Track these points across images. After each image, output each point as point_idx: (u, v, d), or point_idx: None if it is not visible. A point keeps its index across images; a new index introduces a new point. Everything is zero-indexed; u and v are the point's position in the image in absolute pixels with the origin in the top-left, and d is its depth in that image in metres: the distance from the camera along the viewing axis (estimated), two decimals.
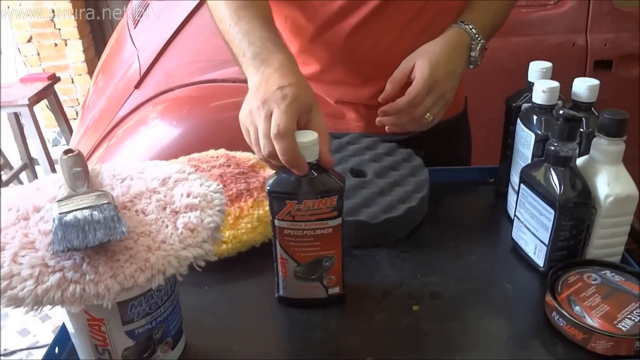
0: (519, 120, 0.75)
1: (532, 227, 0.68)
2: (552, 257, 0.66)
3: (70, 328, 0.53)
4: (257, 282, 0.69)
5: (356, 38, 0.85)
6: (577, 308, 0.58)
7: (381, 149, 0.87)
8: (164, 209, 0.50)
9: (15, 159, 3.01)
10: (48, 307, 0.43)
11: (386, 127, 0.82)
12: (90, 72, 3.53)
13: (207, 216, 0.50)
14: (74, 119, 3.47)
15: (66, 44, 3.49)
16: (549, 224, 0.64)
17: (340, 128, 0.93)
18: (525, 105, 0.77)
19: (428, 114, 0.80)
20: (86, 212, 0.46)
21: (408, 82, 0.81)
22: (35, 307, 0.43)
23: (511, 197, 0.80)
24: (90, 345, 0.52)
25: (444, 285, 0.67)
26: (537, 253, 0.68)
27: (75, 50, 3.51)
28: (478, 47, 0.83)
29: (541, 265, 0.67)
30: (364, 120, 0.93)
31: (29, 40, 3.49)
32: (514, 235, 0.73)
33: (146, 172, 0.56)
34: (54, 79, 2.77)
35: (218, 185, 0.55)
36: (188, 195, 0.52)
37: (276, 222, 0.60)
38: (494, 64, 1.38)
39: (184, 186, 0.53)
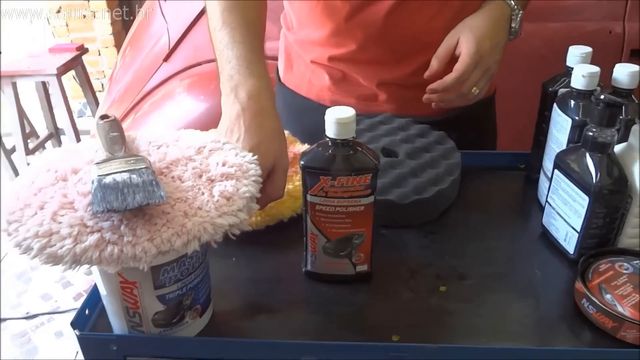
0: (555, 105, 0.73)
1: (564, 213, 0.67)
2: (583, 245, 0.65)
3: (102, 290, 0.54)
4: (284, 256, 0.69)
5: (393, 17, 0.84)
6: (608, 296, 0.57)
7: (413, 130, 0.86)
8: (200, 176, 0.51)
9: (42, 128, 3.05)
10: (86, 266, 0.44)
11: (432, 104, 0.83)
12: (117, 45, 3.55)
13: (242, 185, 0.50)
14: (100, 91, 3.50)
15: (94, 16, 3.51)
16: (582, 211, 0.64)
17: (373, 110, 0.92)
18: (562, 91, 0.75)
19: (474, 89, 0.80)
20: (125, 175, 0.46)
21: (453, 58, 0.80)
22: (73, 266, 0.43)
23: (543, 183, 0.78)
24: (121, 308, 0.53)
25: (472, 268, 0.66)
26: (567, 240, 0.67)
27: (103, 23, 3.52)
28: (518, 18, 0.84)
29: (571, 252, 0.67)
30: (397, 102, 0.92)
31: (58, 11, 3.51)
32: (545, 221, 0.72)
33: (181, 140, 0.57)
34: (82, 49, 2.79)
35: (253, 156, 0.55)
36: (224, 164, 0.52)
37: (308, 197, 0.60)
38: (528, 50, 1.36)
39: (219, 155, 0.54)
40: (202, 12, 1.59)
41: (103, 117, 0.59)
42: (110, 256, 0.43)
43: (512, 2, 0.83)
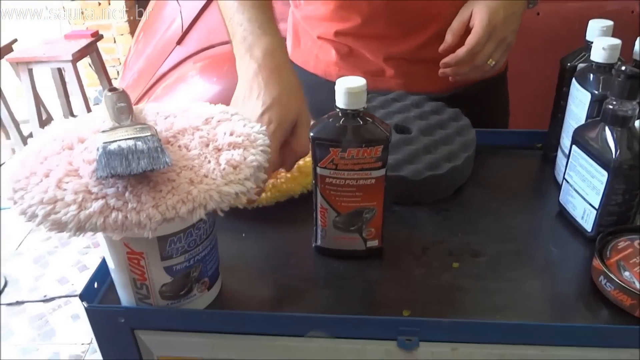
0: (574, 79, 0.71)
1: (582, 190, 0.65)
2: (601, 222, 0.63)
3: (110, 263, 0.54)
4: (295, 232, 0.69)
5: None
6: (627, 273, 0.55)
7: (427, 107, 0.84)
8: (207, 145, 0.50)
9: (58, 115, 3.07)
10: (90, 233, 0.43)
11: (449, 77, 0.82)
12: (133, 33, 3.55)
13: (250, 154, 0.49)
14: (115, 78, 3.51)
15: (109, 4, 3.52)
16: (601, 187, 0.62)
17: (380, 86, 0.90)
18: (581, 65, 0.73)
19: (490, 60, 0.79)
20: (130, 142, 0.46)
21: (468, 30, 0.79)
22: (77, 233, 0.43)
23: (560, 161, 0.76)
24: (129, 280, 0.53)
25: (486, 245, 0.65)
26: (585, 217, 0.65)
27: (117, 10, 3.53)
28: None
29: (589, 230, 0.65)
30: (405, 77, 0.91)
31: None
32: (562, 198, 0.70)
33: (189, 111, 0.56)
34: (97, 36, 2.80)
35: (262, 126, 0.54)
36: (231, 134, 0.51)
37: (318, 169, 0.59)
38: (546, 29, 1.33)
39: (227, 125, 0.53)
40: None
41: (111, 89, 0.58)
42: (115, 222, 0.42)
43: None
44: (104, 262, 0.59)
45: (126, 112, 0.52)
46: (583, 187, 0.65)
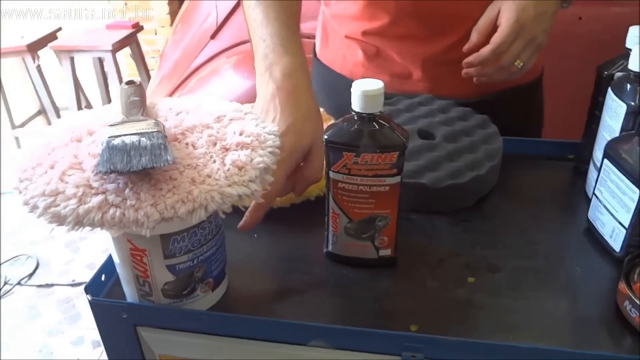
0: (610, 89, 0.67)
1: (611, 207, 0.62)
2: (630, 242, 0.59)
3: (115, 257, 0.53)
4: (308, 236, 0.67)
5: None
6: None
7: (454, 113, 0.81)
8: (214, 144, 0.48)
9: (97, 103, 3.14)
10: (88, 228, 0.42)
11: (474, 79, 0.78)
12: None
13: (257, 156, 0.47)
14: (154, 69, 3.56)
15: None
16: (632, 205, 0.58)
17: (407, 89, 0.88)
18: (618, 74, 0.69)
19: (517, 61, 0.75)
20: (134, 138, 0.45)
21: (495, 29, 0.75)
22: (76, 227, 0.42)
23: (592, 175, 0.72)
24: (132, 276, 0.52)
25: (505, 260, 0.62)
26: (614, 236, 0.61)
27: (160, 2, 3.57)
28: None
29: (617, 250, 0.61)
30: (432, 80, 0.88)
31: None
32: (590, 215, 0.66)
33: (202, 108, 0.55)
34: (138, 27, 2.84)
35: (274, 127, 0.53)
36: (241, 134, 0.50)
37: (331, 174, 0.57)
38: (587, 34, 1.27)
39: (238, 124, 0.51)
40: None
41: (128, 82, 0.58)
42: (112, 219, 0.42)
43: None
44: (111, 257, 0.58)
45: (137, 106, 0.52)
46: (613, 204, 0.61)
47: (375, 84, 0.53)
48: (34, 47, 2.78)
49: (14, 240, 2.34)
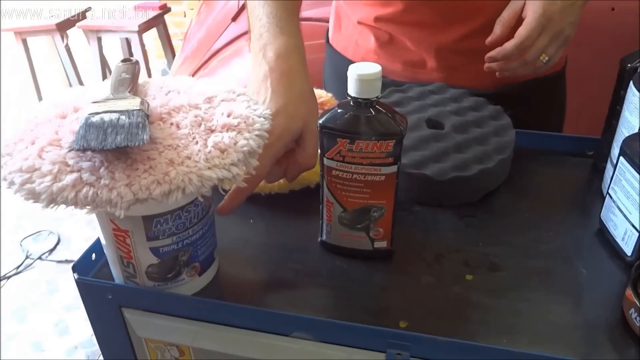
0: (631, 83, 0.63)
1: (625, 208, 0.58)
2: None
3: (101, 237, 0.52)
4: (304, 224, 0.65)
5: None
6: None
7: (467, 103, 0.78)
8: (200, 125, 0.47)
9: None
10: (63, 205, 0.41)
11: (497, 73, 0.74)
12: None
13: (242, 139, 0.45)
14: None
15: None
16: None
17: (421, 78, 0.84)
18: None
19: (543, 55, 0.71)
20: (114, 116, 0.43)
21: (519, 21, 0.71)
22: (50, 205, 0.41)
23: (608, 173, 0.69)
24: (116, 257, 0.51)
25: (507, 259, 0.59)
26: (626, 239, 0.58)
27: None
28: None
29: (629, 253, 0.58)
30: (447, 70, 0.84)
31: None
32: (603, 215, 0.63)
33: (194, 88, 0.53)
34: (165, 9, 2.84)
35: (265, 110, 0.51)
36: (229, 115, 0.48)
37: (325, 160, 0.55)
38: (619, 26, 1.21)
39: (227, 106, 0.49)
40: None
41: (124, 60, 0.56)
42: (85, 198, 0.40)
43: None
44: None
45: (126, 84, 0.50)
46: (627, 205, 0.58)
47: (372, 68, 0.50)
48: (63, 27, 2.81)
49: (37, 216, 2.38)
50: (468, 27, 0.79)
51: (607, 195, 0.62)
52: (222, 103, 0.50)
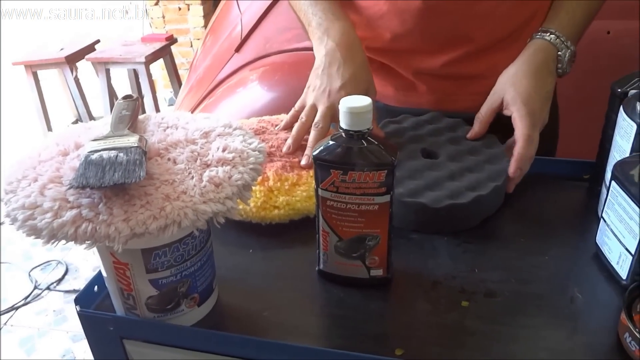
0: (621, 108, 0.64)
1: (618, 232, 0.59)
2: (637, 270, 0.56)
3: (102, 270, 0.53)
4: (303, 253, 0.66)
5: (433, 2, 0.78)
6: None
7: (462, 132, 0.79)
8: (195, 160, 0.48)
9: None
10: (63, 241, 0.43)
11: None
12: None
13: (236, 172, 0.47)
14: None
15: (188, 9, 3.64)
16: (639, 231, 0.55)
17: (413, 101, 0.87)
18: (633, 92, 0.66)
19: None
20: (112, 153, 0.45)
21: (495, 114, 0.76)
22: (51, 240, 0.43)
23: (603, 196, 0.69)
24: (117, 289, 0.52)
25: (504, 284, 0.59)
26: (620, 263, 0.58)
27: (195, 15, 3.65)
28: (566, 58, 0.76)
29: (624, 277, 0.58)
30: (437, 93, 0.87)
31: (156, 3, 3.68)
32: (598, 239, 0.63)
33: (192, 123, 0.55)
34: (171, 40, 2.90)
35: (260, 143, 0.52)
36: (224, 150, 0.49)
37: (320, 191, 0.56)
38: (614, 49, 1.23)
39: (222, 140, 0.51)
40: (274, 4, 1.58)
41: (125, 97, 0.58)
42: (85, 233, 0.42)
43: (559, 39, 0.76)
44: None
45: (125, 121, 0.52)
46: (620, 228, 0.58)
47: (362, 101, 0.52)
48: (73, 59, 2.88)
49: (46, 245, 2.40)
50: (451, 54, 0.82)
51: (602, 219, 0.62)
52: (218, 138, 0.52)
